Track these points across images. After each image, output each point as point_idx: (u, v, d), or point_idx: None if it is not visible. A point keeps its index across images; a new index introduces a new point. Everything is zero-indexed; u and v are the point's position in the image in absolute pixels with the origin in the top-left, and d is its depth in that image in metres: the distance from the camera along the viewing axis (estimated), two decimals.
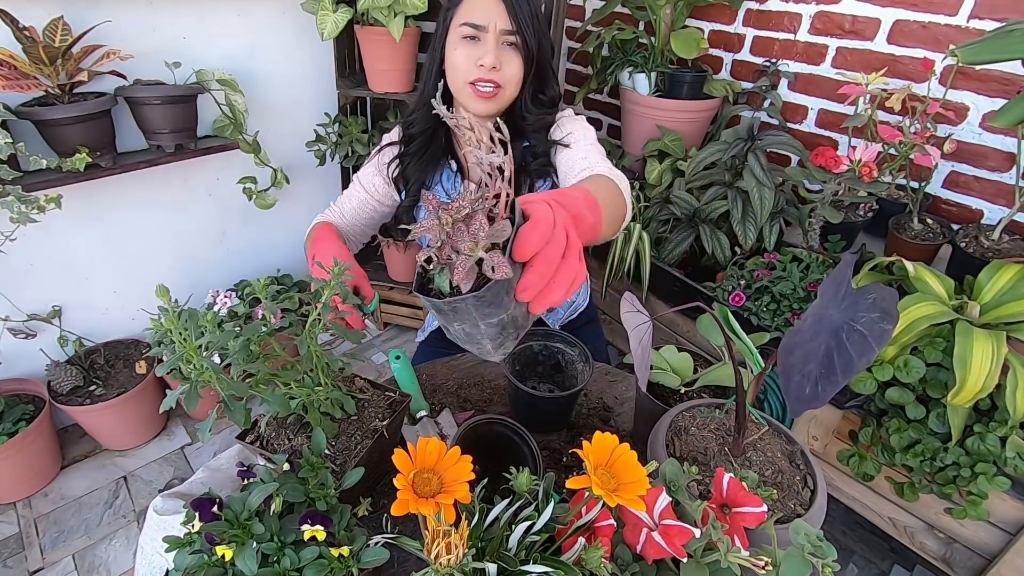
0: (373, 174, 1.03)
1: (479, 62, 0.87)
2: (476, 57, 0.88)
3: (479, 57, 0.87)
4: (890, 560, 1.45)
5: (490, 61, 0.86)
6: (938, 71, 1.29)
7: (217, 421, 0.60)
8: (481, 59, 0.87)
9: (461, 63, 0.89)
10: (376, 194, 1.03)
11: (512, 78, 0.90)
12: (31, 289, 1.56)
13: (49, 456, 1.62)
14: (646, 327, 0.61)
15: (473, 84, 0.89)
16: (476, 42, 0.88)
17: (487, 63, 0.87)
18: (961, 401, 0.96)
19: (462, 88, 0.91)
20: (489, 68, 0.87)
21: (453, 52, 0.90)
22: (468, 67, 0.88)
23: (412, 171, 1.00)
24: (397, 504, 0.44)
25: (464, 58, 0.88)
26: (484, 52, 0.87)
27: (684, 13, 1.82)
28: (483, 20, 0.86)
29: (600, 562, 0.48)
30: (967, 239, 1.26)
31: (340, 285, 0.68)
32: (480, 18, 0.86)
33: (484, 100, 0.90)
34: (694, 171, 1.57)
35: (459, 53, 0.89)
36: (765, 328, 1.32)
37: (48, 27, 1.28)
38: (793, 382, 0.55)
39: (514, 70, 0.90)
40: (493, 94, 0.90)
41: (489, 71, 0.88)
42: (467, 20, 0.87)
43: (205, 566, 0.53)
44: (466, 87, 0.90)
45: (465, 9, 0.88)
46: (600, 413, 0.94)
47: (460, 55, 0.88)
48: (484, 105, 0.91)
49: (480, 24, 0.86)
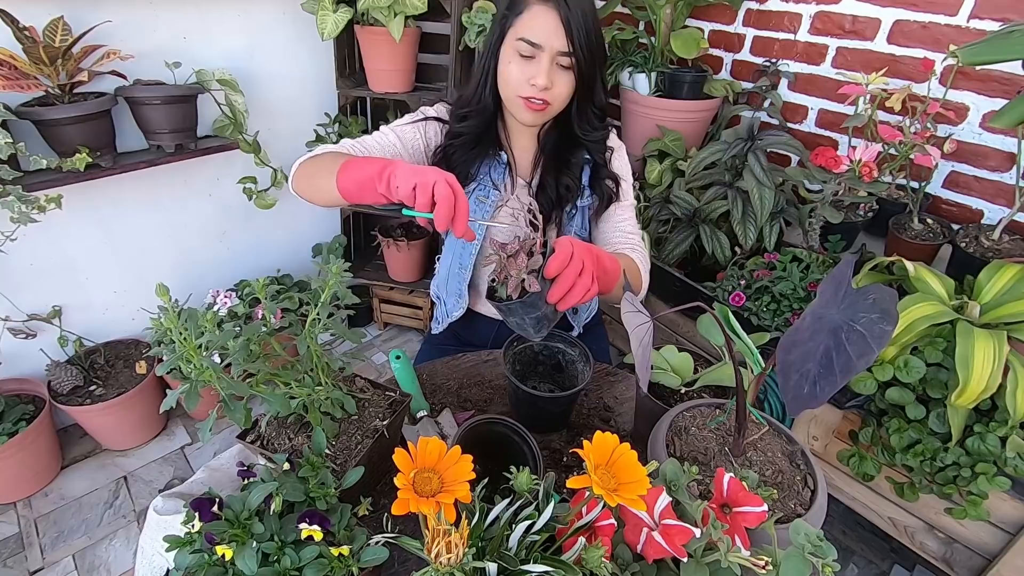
0: (413, 135, 1.02)
1: (531, 81, 0.89)
2: (529, 75, 0.90)
3: (532, 76, 0.89)
4: (890, 560, 1.45)
5: (542, 83, 0.89)
6: (938, 71, 1.29)
7: (217, 421, 0.60)
8: (534, 78, 0.89)
9: (514, 77, 0.91)
10: (408, 150, 1.02)
11: (560, 96, 0.93)
12: (31, 289, 1.56)
13: (49, 456, 1.62)
14: (647, 327, 0.61)
15: (524, 98, 0.92)
16: (531, 60, 0.89)
17: (539, 84, 0.89)
18: (964, 402, 0.96)
19: (512, 99, 0.94)
20: (541, 88, 0.89)
21: (507, 65, 0.92)
22: (520, 83, 0.91)
23: (459, 161, 1.02)
24: (397, 503, 0.44)
25: (517, 73, 0.90)
26: (537, 72, 0.89)
27: (684, 13, 1.82)
28: (540, 39, 0.87)
29: (600, 562, 0.48)
30: (967, 239, 1.26)
31: (340, 285, 0.68)
32: (538, 36, 0.87)
33: (532, 112, 0.93)
34: (694, 171, 1.57)
35: (513, 67, 0.91)
36: (765, 328, 1.32)
37: (48, 27, 1.28)
38: (791, 381, 0.55)
39: (564, 89, 0.92)
40: (541, 108, 0.93)
41: (540, 91, 0.90)
42: (524, 36, 0.88)
43: (205, 565, 0.53)
44: (517, 99, 0.93)
45: (524, 24, 0.89)
46: (600, 413, 0.95)
47: (514, 70, 0.91)
48: (532, 116, 0.94)
49: (537, 43, 0.87)
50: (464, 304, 1.16)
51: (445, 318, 1.23)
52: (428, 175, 0.65)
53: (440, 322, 1.25)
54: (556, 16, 0.86)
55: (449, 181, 0.66)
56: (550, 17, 0.87)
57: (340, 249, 2.16)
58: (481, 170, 1.05)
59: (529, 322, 0.72)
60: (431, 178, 0.65)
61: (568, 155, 1.04)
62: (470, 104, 1.01)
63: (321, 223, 2.20)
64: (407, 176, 0.66)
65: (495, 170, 1.05)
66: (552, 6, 0.87)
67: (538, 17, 0.88)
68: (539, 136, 1.06)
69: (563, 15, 0.86)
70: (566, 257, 0.68)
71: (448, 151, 1.03)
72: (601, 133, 1.04)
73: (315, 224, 2.19)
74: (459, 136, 1.02)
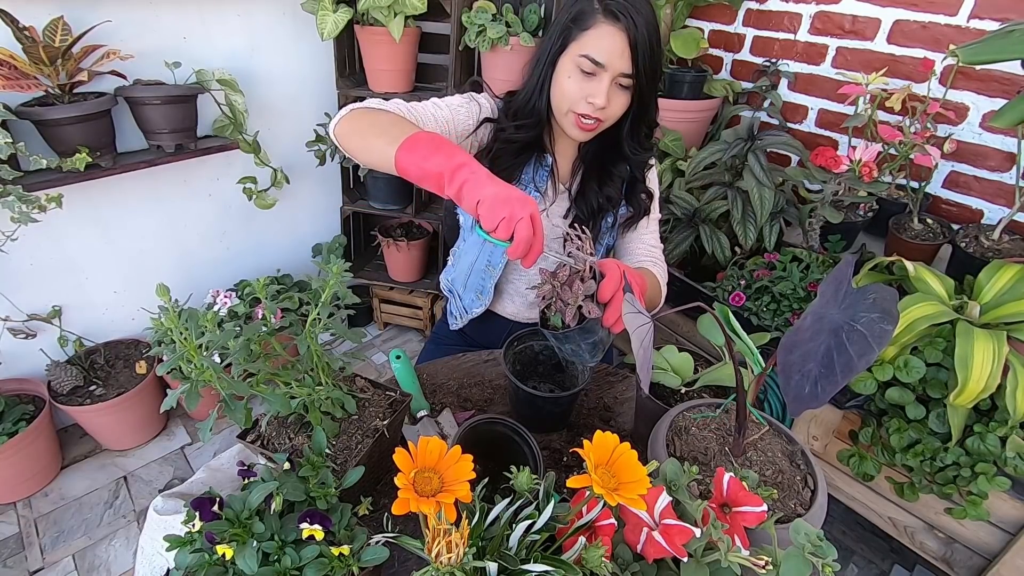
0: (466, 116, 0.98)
1: (589, 99, 0.88)
2: (587, 93, 0.88)
3: (590, 94, 0.87)
4: (890, 560, 1.45)
5: (600, 103, 0.87)
6: (938, 71, 1.29)
7: (217, 421, 0.60)
8: (592, 97, 0.87)
9: (572, 93, 0.89)
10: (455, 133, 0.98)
11: (614, 116, 0.92)
12: (31, 289, 1.56)
13: (49, 456, 1.62)
14: (647, 328, 0.61)
15: (577, 115, 0.90)
16: (591, 77, 0.87)
17: (597, 103, 0.87)
18: (963, 401, 0.96)
19: (565, 114, 0.92)
20: (598, 108, 0.88)
21: (566, 79, 0.89)
22: (577, 99, 0.89)
23: (506, 165, 1.01)
24: (398, 503, 0.44)
25: (576, 90, 0.88)
26: (596, 91, 0.87)
27: (684, 13, 1.82)
28: (605, 59, 0.85)
29: (600, 561, 0.48)
30: (967, 239, 1.26)
31: (340, 285, 0.68)
32: (603, 56, 0.85)
33: (583, 131, 0.93)
34: (694, 171, 1.57)
35: (572, 83, 0.89)
36: (765, 328, 1.32)
37: (48, 27, 1.28)
38: (792, 381, 0.55)
39: (618, 109, 0.91)
40: (593, 128, 0.92)
41: (597, 111, 0.89)
42: (589, 54, 0.85)
43: (206, 565, 0.53)
44: (570, 115, 0.91)
45: (590, 40, 0.86)
46: (600, 413, 0.95)
47: (573, 86, 0.89)
48: (581, 134, 0.94)
49: (601, 62, 0.85)
50: (486, 302, 1.14)
51: (464, 314, 1.20)
52: (515, 208, 0.63)
53: (459, 318, 1.22)
54: (624, 38, 0.84)
55: (534, 217, 0.64)
56: (618, 39, 0.84)
57: (340, 249, 2.16)
58: (525, 172, 1.04)
59: (586, 347, 0.73)
60: (518, 213, 0.63)
61: (611, 166, 1.03)
62: (523, 113, 0.98)
63: (321, 223, 2.21)
64: (493, 203, 0.63)
65: (539, 174, 1.04)
66: (621, 27, 0.84)
67: (605, 37, 0.85)
68: (580, 144, 1.04)
69: (632, 37, 0.83)
70: (618, 280, 0.71)
71: (497, 154, 1.00)
72: (649, 154, 1.04)
73: (315, 224, 2.19)
74: (511, 142, 1.00)
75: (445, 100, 0.98)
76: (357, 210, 2.12)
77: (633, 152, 1.00)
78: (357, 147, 0.81)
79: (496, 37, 1.62)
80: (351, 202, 2.11)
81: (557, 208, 1.07)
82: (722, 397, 0.84)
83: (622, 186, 1.05)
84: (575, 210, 1.05)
